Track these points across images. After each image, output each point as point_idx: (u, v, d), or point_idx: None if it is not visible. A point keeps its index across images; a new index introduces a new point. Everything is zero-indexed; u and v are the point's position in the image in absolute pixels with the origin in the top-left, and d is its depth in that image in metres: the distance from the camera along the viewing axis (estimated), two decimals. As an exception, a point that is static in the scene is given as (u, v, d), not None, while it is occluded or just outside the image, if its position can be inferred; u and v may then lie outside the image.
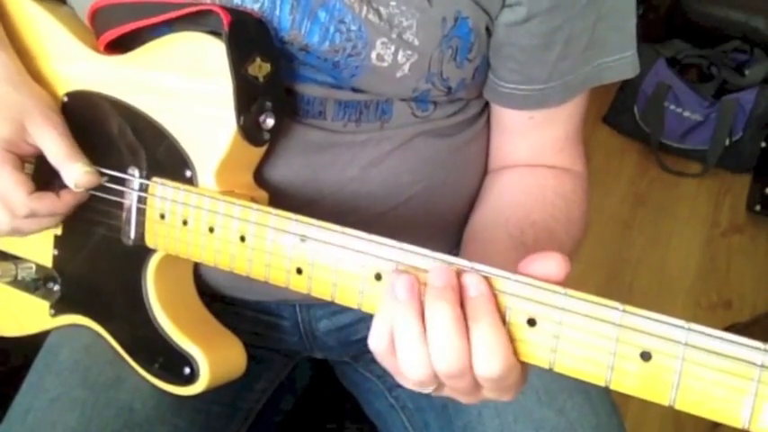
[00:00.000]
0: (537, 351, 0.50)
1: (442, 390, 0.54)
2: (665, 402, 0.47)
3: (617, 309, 0.48)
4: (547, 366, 0.50)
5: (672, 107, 2.23)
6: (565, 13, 0.68)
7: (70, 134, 0.71)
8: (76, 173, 0.69)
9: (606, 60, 0.74)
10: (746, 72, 2.23)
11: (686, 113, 2.22)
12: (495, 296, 0.51)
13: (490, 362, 0.49)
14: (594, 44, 0.72)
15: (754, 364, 0.44)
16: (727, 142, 2.19)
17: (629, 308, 0.48)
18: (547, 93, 0.73)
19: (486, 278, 0.51)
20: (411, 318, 0.51)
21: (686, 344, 0.46)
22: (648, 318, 0.47)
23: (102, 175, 0.72)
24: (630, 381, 0.48)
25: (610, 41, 0.73)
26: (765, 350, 0.44)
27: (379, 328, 0.53)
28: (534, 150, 0.78)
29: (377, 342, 0.54)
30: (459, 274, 0.51)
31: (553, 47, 0.70)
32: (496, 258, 0.64)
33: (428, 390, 0.54)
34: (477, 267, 0.52)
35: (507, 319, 0.51)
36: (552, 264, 0.50)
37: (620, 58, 0.74)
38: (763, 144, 2.19)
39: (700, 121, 2.21)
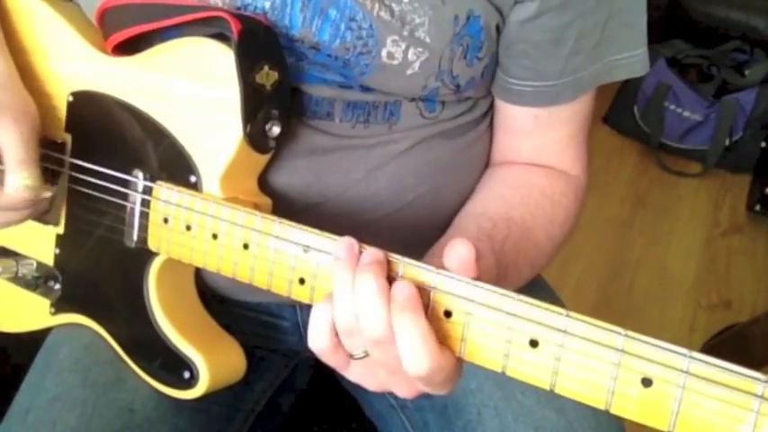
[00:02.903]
0: (538, 372, 0.51)
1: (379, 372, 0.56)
2: (665, 428, 0.47)
3: (619, 333, 0.48)
4: (548, 387, 0.50)
5: (672, 107, 2.24)
6: (576, 9, 0.68)
7: (35, 145, 0.70)
8: (16, 181, 0.68)
9: (617, 58, 0.74)
10: (746, 72, 2.23)
11: (686, 113, 2.23)
12: (420, 296, 0.52)
13: (416, 362, 0.51)
14: (605, 41, 0.72)
15: (754, 394, 0.44)
16: (727, 142, 2.19)
17: (631, 333, 0.48)
18: (559, 89, 0.73)
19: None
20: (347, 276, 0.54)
21: (687, 372, 0.46)
22: (651, 344, 0.47)
23: (103, 176, 0.72)
24: (630, 405, 0.48)
25: (620, 39, 0.73)
26: (766, 381, 0.44)
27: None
28: (537, 150, 0.78)
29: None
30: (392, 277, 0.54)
31: (565, 42, 0.70)
32: None
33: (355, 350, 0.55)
34: (480, 285, 0.52)
35: (509, 338, 0.51)
36: (461, 249, 0.52)
37: (630, 56, 0.75)
38: (763, 144, 2.20)
39: (700, 121, 2.21)
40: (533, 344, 0.50)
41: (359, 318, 0.53)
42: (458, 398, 0.77)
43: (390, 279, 0.53)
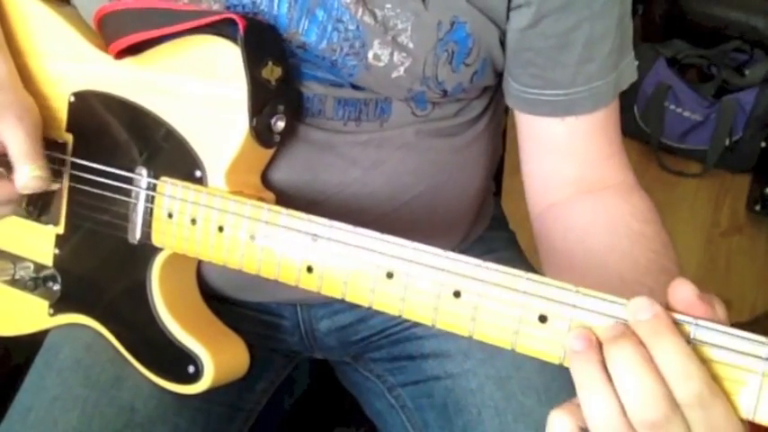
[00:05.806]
0: (549, 348, 0.52)
1: None
2: None
3: (626, 305, 0.49)
4: (557, 362, 0.51)
5: (672, 107, 2.23)
6: (580, 13, 0.67)
7: (39, 140, 0.71)
8: (24, 173, 0.69)
9: (623, 64, 0.73)
10: (746, 72, 2.23)
11: (686, 113, 2.22)
12: (669, 315, 0.48)
13: (687, 382, 0.46)
14: (617, 48, 0.71)
15: (758, 357, 0.46)
16: (727, 142, 2.19)
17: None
18: (573, 98, 0.71)
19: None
20: (592, 365, 0.48)
21: (694, 339, 0.47)
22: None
23: (105, 174, 0.72)
24: None
25: (625, 44, 0.72)
26: None
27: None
28: (583, 167, 0.74)
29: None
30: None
31: (572, 48, 0.69)
32: None
33: None
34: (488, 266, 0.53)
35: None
36: (684, 290, 0.48)
37: (628, 62, 0.74)
38: (763, 144, 2.19)
39: (700, 121, 2.21)
40: (542, 319, 0.51)
41: (627, 405, 0.46)
42: (458, 398, 0.77)
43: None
